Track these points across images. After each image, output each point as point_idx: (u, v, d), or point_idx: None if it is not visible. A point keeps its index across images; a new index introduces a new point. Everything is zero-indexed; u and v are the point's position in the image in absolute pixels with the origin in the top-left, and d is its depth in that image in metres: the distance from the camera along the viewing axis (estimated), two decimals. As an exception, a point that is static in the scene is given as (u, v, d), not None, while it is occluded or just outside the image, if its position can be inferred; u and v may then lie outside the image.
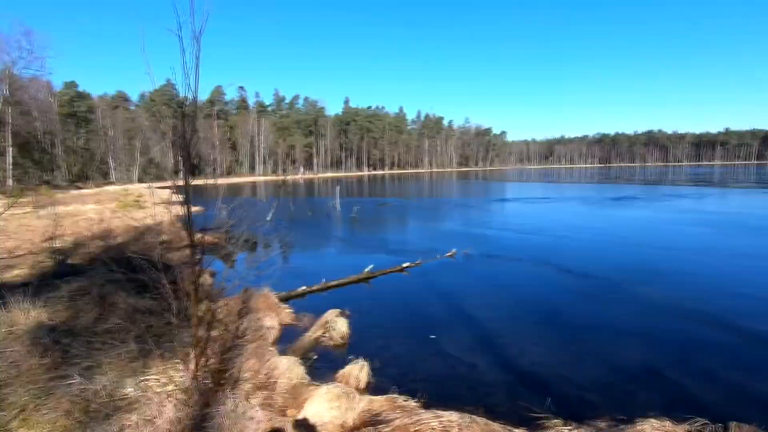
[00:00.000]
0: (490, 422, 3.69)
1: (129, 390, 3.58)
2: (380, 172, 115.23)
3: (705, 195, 29.27)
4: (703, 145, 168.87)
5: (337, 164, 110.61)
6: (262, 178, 74.58)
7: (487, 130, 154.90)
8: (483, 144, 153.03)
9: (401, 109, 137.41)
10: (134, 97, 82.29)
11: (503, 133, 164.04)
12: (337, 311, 6.46)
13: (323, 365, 5.05)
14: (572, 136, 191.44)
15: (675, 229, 14.75)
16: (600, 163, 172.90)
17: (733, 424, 3.51)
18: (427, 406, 4.02)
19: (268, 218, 18.63)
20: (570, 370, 4.84)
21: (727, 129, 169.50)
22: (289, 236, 15.03)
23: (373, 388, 4.53)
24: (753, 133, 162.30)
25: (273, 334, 5.82)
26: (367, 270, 8.88)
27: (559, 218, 18.34)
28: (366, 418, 3.91)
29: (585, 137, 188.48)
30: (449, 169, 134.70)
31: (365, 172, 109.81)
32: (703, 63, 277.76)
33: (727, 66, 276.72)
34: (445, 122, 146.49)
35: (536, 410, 4.02)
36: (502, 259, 10.50)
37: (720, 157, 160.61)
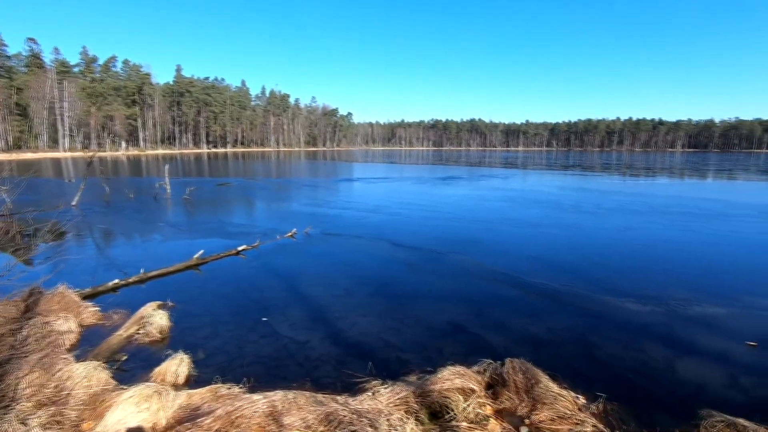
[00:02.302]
0: (315, 394, 3.81)
1: None
2: (222, 150, 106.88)
3: (511, 175, 35.12)
4: (511, 133, 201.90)
5: (169, 140, 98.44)
6: (68, 154, 61.87)
7: (334, 111, 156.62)
8: (330, 124, 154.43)
9: (243, 82, 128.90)
10: None
11: (349, 114, 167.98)
12: (156, 304, 5.81)
13: (135, 365, 4.50)
14: (411, 120, 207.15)
15: (487, 204, 17.36)
16: (434, 147, 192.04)
17: (508, 360, 4.33)
18: (254, 390, 3.94)
19: (74, 202, 15.60)
20: (392, 335, 5.32)
21: (527, 121, 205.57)
22: (102, 223, 12.85)
23: (196, 381, 4.24)
24: (544, 125, 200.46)
25: (69, 339, 4.93)
26: (196, 256, 8.19)
27: (396, 197, 19.81)
28: (183, 415, 3.63)
29: (422, 122, 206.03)
30: (297, 149, 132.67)
31: (204, 150, 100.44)
32: (509, 63, 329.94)
33: (527, 67, 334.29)
34: (292, 100, 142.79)
35: (359, 375, 4.32)
36: (341, 237, 10.86)
37: (523, 143, 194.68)
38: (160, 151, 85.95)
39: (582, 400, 3.98)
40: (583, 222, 13.16)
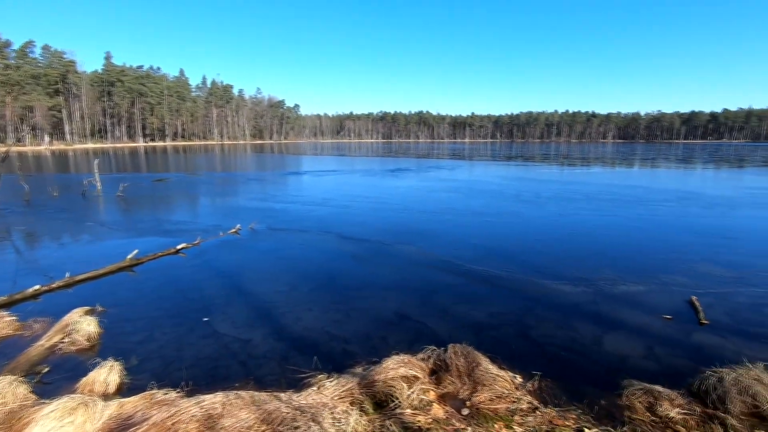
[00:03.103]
0: (256, 393, 3.72)
1: None
2: (160, 143, 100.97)
3: (457, 167, 36.05)
4: (458, 125, 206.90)
5: (101, 133, 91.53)
6: (-20, 150, 55.68)
7: (281, 102, 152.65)
8: (277, 116, 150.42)
9: (182, 72, 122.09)
10: None
11: (297, 106, 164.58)
12: (83, 309, 5.41)
13: (60, 377, 4.18)
14: (360, 113, 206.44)
15: (434, 195, 17.72)
16: (383, 139, 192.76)
17: (450, 346, 4.46)
18: (192, 393, 3.78)
19: (-15, 202, 14.09)
20: (338, 328, 5.30)
21: (473, 113, 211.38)
22: (21, 224, 11.75)
23: (129, 388, 4.01)
24: (488, 117, 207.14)
25: (-21, 354, 4.47)
26: (130, 257, 7.70)
27: (345, 189, 19.72)
28: (114, 425, 3.42)
29: (370, 114, 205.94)
30: (243, 142, 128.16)
31: (141, 144, 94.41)
32: (455, 56, 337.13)
33: (472, 61, 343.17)
34: (235, 91, 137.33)
35: (305, 370, 4.28)
36: (287, 231, 10.65)
37: (469, 136, 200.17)
38: (90, 146, 79.73)
39: (519, 379, 4.19)
40: (523, 210, 13.80)
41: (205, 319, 5.52)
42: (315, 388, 3.91)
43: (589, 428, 3.42)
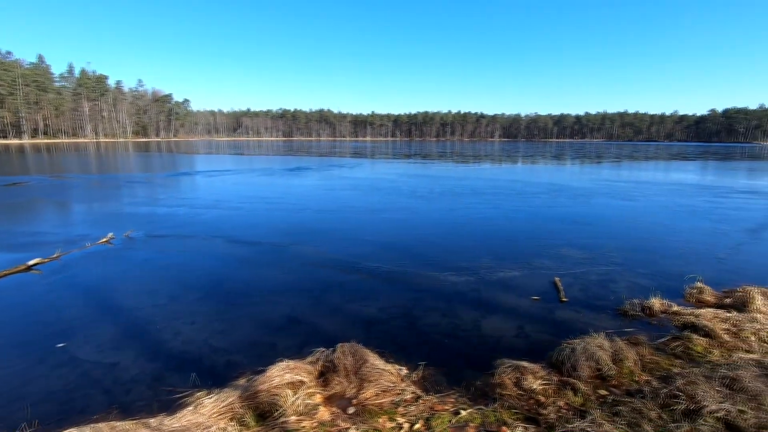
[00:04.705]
0: (118, 423, 3.32)
1: None
2: (15, 141, 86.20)
3: (358, 165, 36.44)
4: (359, 124, 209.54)
5: (-72, 129, 75.34)
6: None
7: (167, 97, 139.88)
8: (164, 112, 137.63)
9: (41, 58, 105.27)
10: None
11: (186, 101, 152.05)
12: None
13: None
14: (258, 109, 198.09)
15: (333, 193, 17.66)
16: (284, 137, 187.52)
17: (339, 345, 4.45)
18: (36, 434, 3.25)
19: None
20: (221, 339, 4.98)
21: (373, 112, 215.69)
22: None
23: (-50, 440, 3.30)
24: (388, 116, 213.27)
25: None
26: (-40, 278, 6.39)
27: (240, 190, 18.73)
28: None
29: (269, 111, 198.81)
30: (123, 139, 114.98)
31: (-13, 142, 79.59)
32: (357, 54, 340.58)
33: (372, 59, 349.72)
34: (111, 83, 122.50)
35: (181, 389, 3.94)
36: (169, 238, 9.75)
37: (370, 134, 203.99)
38: None
39: (405, 370, 4.33)
40: (417, 205, 14.43)
41: (61, 344, 4.79)
42: (191, 408, 3.61)
43: (465, 409, 3.66)
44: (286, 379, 3.88)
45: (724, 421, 3.21)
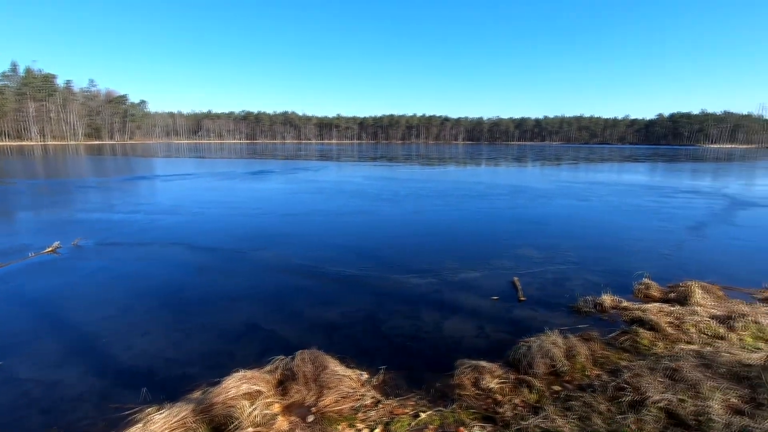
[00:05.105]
0: (60, 446, 3.13)
1: None
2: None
3: (323, 167, 36.15)
4: (324, 126, 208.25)
5: None
6: None
7: (122, 98, 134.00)
8: (119, 113, 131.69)
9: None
10: None
11: (143, 102, 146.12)
12: None
13: None
14: (220, 111, 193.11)
15: (297, 197, 17.43)
16: (247, 139, 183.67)
17: (298, 353, 4.38)
18: (-35, 463, 3.00)
19: None
20: (176, 350, 4.79)
21: (339, 115, 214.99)
22: None
23: None
24: (354, 119, 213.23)
25: None
26: None
27: (200, 194, 18.15)
28: None
29: (232, 113, 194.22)
30: (74, 142, 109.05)
31: None
32: (321, 57, 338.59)
33: (336, 62, 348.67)
34: (60, 82, 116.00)
35: (130, 406, 3.75)
36: (124, 246, 9.31)
37: (336, 137, 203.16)
38: None
39: (365, 375, 4.32)
40: (382, 208, 14.46)
41: (-3, 363, 4.47)
42: (140, 425, 3.45)
43: (425, 411, 3.68)
44: (243, 389, 3.78)
45: (666, 411, 3.39)
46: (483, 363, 4.36)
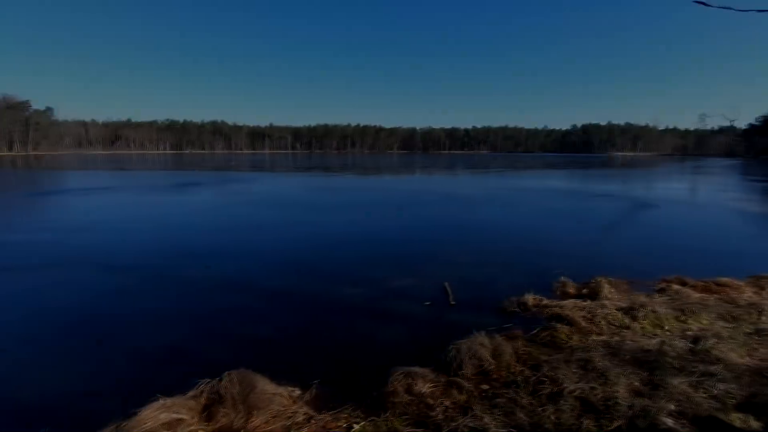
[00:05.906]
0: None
1: None
2: None
3: (256, 178, 35.07)
4: (256, 136, 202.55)
5: None
6: None
7: (24, 104, 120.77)
8: (20, 121, 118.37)
9: None
10: None
11: (49, 109, 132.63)
12: None
13: None
14: (141, 120, 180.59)
15: (229, 209, 16.73)
16: (172, 150, 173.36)
17: (226, 374, 4.17)
18: None
19: None
20: (86, 383, 4.35)
21: (271, 124, 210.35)
22: None
23: None
24: (287, 128, 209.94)
25: None
26: None
27: (118, 210, 16.77)
28: None
29: (154, 122, 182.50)
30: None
31: None
32: (253, 63, 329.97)
33: (270, 70, 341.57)
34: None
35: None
36: (25, 269, 8.32)
37: (269, 147, 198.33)
38: None
39: (297, 391, 4.20)
40: (317, 219, 14.32)
41: None
42: (40, 471, 3.08)
43: (359, 422, 3.66)
44: (162, 419, 3.52)
45: (580, 399, 3.67)
46: (416, 369, 4.43)
